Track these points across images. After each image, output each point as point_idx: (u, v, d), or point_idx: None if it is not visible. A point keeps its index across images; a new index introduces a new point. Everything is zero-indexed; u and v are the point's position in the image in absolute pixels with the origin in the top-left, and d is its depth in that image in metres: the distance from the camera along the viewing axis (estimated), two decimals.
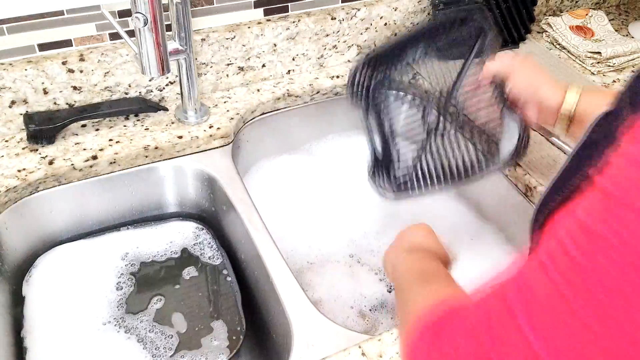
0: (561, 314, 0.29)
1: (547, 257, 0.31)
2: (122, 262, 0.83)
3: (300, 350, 0.64)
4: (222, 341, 0.75)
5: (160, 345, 0.73)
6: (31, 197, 0.81)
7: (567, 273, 0.29)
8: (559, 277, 0.29)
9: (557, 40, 1.16)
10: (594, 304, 0.28)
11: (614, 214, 0.28)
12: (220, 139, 0.90)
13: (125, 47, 0.86)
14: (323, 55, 1.04)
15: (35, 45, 0.83)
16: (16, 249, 0.81)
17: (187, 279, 0.83)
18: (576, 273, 0.29)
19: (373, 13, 1.03)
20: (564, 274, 0.29)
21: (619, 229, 0.27)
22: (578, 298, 0.28)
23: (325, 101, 1.04)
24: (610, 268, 0.27)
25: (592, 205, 0.29)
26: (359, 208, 0.95)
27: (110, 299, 0.78)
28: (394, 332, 0.64)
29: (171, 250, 0.86)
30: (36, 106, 0.86)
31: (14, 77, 0.81)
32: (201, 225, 0.90)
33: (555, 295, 0.29)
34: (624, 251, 0.27)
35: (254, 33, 0.95)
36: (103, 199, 0.86)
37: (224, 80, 0.98)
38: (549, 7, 1.25)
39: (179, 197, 0.91)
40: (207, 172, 0.87)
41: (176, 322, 0.77)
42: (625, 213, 0.27)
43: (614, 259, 0.27)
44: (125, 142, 0.86)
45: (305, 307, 0.69)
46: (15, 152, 0.84)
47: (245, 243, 0.80)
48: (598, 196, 0.29)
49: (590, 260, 0.28)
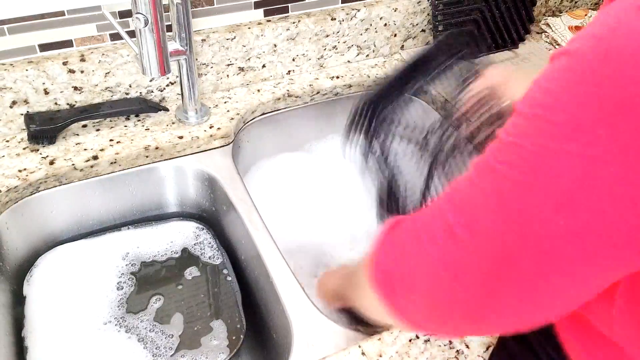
0: (469, 189, 0.38)
1: (472, 167, 0.39)
2: (123, 262, 0.84)
3: (300, 350, 0.64)
4: (222, 341, 0.75)
5: (160, 345, 0.74)
6: (32, 197, 0.81)
7: (481, 171, 0.38)
8: (475, 175, 0.38)
9: (557, 40, 1.16)
10: (486, 175, 0.37)
11: (517, 126, 0.36)
12: (220, 139, 0.90)
13: (126, 48, 0.87)
14: (323, 55, 1.04)
15: (36, 45, 0.83)
16: (17, 248, 0.82)
17: (187, 278, 0.83)
18: (482, 163, 0.38)
19: (373, 14, 1.03)
20: (479, 172, 0.38)
21: (517, 136, 0.35)
22: (480, 177, 0.38)
23: (325, 101, 1.04)
24: (503, 159, 0.36)
25: (509, 124, 0.37)
26: (359, 208, 0.95)
27: (110, 299, 0.79)
28: (394, 331, 0.64)
29: (171, 250, 0.86)
30: (37, 106, 0.86)
31: (14, 77, 0.82)
32: (201, 225, 0.90)
33: (469, 184, 0.39)
34: (512, 144, 0.36)
35: (254, 33, 0.95)
36: (104, 199, 0.86)
37: (225, 81, 0.98)
38: (548, 7, 1.25)
39: (179, 197, 0.91)
40: (207, 172, 0.87)
41: (176, 321, 0.77)
42: (523, 123, 0.35)
43: (506, 151, 0.36)
44: (126, 142, 0.86)
45: (305, 307, 0.69)
46: (16, 152, 0.84)
47: (246, 243, 0.80)
48: (514, 116, 0.37)
49: (493, 155, 0.37)
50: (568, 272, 0.35)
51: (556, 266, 0.34)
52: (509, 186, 0.35)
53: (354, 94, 1.06)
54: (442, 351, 0.63)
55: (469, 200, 0.38)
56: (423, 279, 0.41)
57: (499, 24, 1.12)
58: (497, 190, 0.36)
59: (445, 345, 0.63)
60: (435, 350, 0.63)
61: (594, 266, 0.34)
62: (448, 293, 0.39)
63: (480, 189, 0.37)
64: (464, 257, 0.38)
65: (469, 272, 0.38)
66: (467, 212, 0.38)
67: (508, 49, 1.14)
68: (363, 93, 0.77)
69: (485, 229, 0.36)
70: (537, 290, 0.36)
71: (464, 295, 0.39)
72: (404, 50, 1.12)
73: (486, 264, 0.37)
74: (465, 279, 0.38)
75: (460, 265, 0.38)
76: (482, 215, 0.37)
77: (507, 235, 0.35)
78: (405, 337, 0.64)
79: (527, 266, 0.35)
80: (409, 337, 0.64)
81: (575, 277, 0.35)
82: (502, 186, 0.36)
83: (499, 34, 1.13)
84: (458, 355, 0.63)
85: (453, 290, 0.39)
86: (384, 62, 1.09)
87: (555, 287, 0.36)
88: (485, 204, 0.36)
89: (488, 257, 0.36)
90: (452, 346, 0.63)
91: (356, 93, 1.06)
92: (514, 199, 0.35)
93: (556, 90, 0.34)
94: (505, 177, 0.36)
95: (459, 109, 0.76)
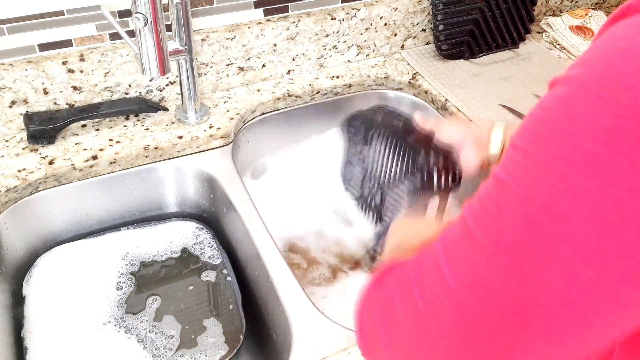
0: (469, 248, 0.34)
1: (467, 209, 0.35)
2: (122, 262, 0.83)
3: (300, 350, 0.64)
4: (221, 340, 0.75)
5: (160, 345, 0.74)
6: (31, 197, 0.81)
7: (479, 217, 0.34)
8: (472, 222, 0.34)
9: (557, 40, 1.16)
10: (493, 235, 0.32)
11: (516, 163, 0.32)
12: (220, 139, 0.90)
13: (126, 47, 0.87)
14: (323, 55, 1.04)
15: (36, 45, 0.83)
16: (16, 249, 0.82)
17: (187, 279, 0.83)
18: (485, 215, 0.33)
19: (373, 13, 1.03)
20: (476, 218, 0.34)
21: (517, 174, 0.32)
22: (484, 234, 0.33)
23: (326, 101, 1.04)
24: (510, 208, 0.31)
25: (505, 160, 0.33)
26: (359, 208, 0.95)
27: (110, 299, 0.78)
28: None
29: (171, 250, 0.86)
30: (36, 106, 0.86)
31: (14, 77, 0.82)
32: (201, 225, 0.90)
33: (466, 235, 0.34)
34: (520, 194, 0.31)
35: (254, 33, 0.95)
36: (103, 199, 0.86)
37: (224, 81, 0.98)
38: (549, 7, 1.25)
39: (179, 197, 0.91)
40: (207, 172, 0.87)
41: (176, 322, 0.77)
42: (522, 159, 0.32)
43: (513, 200, 0.31)
44: (126, 142, 0.86)
45: (305, 307, 0.69)
46: (16, 152, 0.84)
47: (245, 243, 0.80)
48: (510, 151, 0.33)
49: (496, 203, 0.32)
50: (594, 325, 0.31)
51: (582, 320, 0.30)
52: (517, 238, 0.31)
53: (354, 93, 1.05)
54: None
55: (468, 259, 0.34)
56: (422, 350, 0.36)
57: (499, 23, 1.12)
58: (503, 244, 0.32)
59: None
60: None
61: (625, 316, 0.30)
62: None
63: (480, 245, 0.33)
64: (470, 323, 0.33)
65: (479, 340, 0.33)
66: (468, 274, 0.33)
67: (508, 49, 1.14)
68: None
69: (493, 290, 0.32)
70: (557, 346, 0.32)
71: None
72: (404, 50, 1.12)
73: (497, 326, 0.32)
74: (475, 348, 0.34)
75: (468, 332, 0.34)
76: (486, 276, 0.32)
77: (522, 295, 0.31)
78: None
79: (545, 324, 0.31)
80: None
81: (602, 327, 0.31)
82: (509, 241, 0.31)
83: (499, 34, 1.13)
84: None
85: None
86: (384, 62, 1.09)
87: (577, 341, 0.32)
88: (490, 263, 0.32)
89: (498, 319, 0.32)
90: None
91: (356, 93, 1.06)
92: (528, 252, 0.30)
93: (562, 121, 0.30)
94: (512, 228, 0.31)
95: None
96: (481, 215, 0.33)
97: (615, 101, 0.28)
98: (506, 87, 1.04)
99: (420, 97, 1.05)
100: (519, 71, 1.09)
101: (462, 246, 0.34)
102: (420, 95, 1.05)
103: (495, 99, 1.00)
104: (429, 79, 1.05)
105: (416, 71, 1.07)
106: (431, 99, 1.03)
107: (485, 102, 0.99)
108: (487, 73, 1.08)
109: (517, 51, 1.14)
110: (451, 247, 0.35)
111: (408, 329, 0.37)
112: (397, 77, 1.06)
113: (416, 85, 1.05)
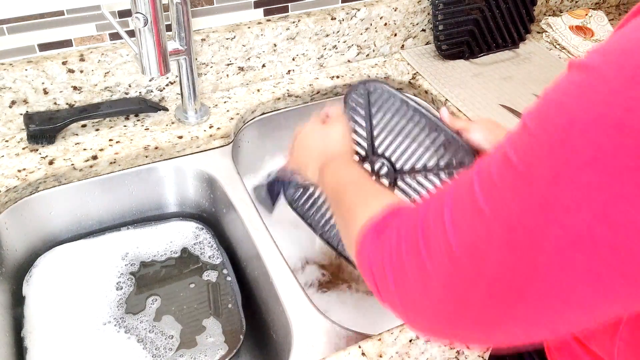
0: (472, 213, 0.35)
1: (476, 174, 0.36)
2: (122, 262, 0.83)
3: (300, 350, 0.64)
4: (221, 340, 0.75)
5: (160, 346, 0.74)
6: (31, 197, 0.81)
7: (485, 187, 0.35)
8: (478, 188, 0.35)
9: (557, 40, 1.16)
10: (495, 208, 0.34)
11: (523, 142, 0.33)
12: (220, 139, 0.90)
13: (126, 47, 0.87)
14: (323, 55, 1.04)
15: (36, 45, 0.83)
16: (16, 249, 0.82)
17: (187, 279, 0.83)
18: (491, 187, 0.34)
19: (373, 13, 1.03)
20: (482, 187, 0.35)
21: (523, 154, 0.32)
22: (487, 204, 0.34)
23: (326, 101, 1.04)
24: (513, 186, 0.33)
25: (514, 136, 0.34)
26: None
27: (110, 299, 0.78)
28: (394, 332, 0.64)
29: (171, 250, 0.86)
30: (36, 106, 0.86)
31: (14, 77, 0.82)
32: (201, 225, 0.90)
33: (471, 200, 0.35)
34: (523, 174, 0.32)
35: (254, 33, 0.95)
36: (103, 199, 0.86)
37: (224, 80, 0.98)
38: (549, 7, 1.25)
39: (179, 197, 0.91)
40: (207, 172, 0.87)
41: (176, 322, 0.77)
42: (529, 140, 0.32)
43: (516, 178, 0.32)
44: (126, 142, 0.86)
45: (305, 307, 0.69)
46: (16, 152, 0.84)
47: (245, 243, 0.80)
48: (520, 129, 0.34)
49: (501, 178, 0.34)
50: (581, 306, 0.32)
51: (568, 299, 0.32)
52: (517, 216, 0.32)
53: None
54: (443, 351, 0.63)
55: (471, 226, 0.35)
56: (423, 294, 0.39)
57: (499, 23, 1.12)
58: (503, 219, 0.33)
59: (446, 346, 0.63)
60: (436, 350, 0.63)
61: (610, 302, 0.32)
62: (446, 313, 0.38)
63: (483, 216, 0.34)
64: (465, 281, 0.35)
65: (471, 299, 0.36)
66: (468, 239, 0.35)
67: (508, 49, 1.14)
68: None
69: (489, 259, 0.34)
70: (545, 318, 0.34)
71: (463, 321, 0.37)
72: (404, 50, 1.12)
73: (489, 292, 0.34)
74: (468, 305, 0.36)
75: (462, 290, 0.36)
76: (485, 245, 0.34)
77: (516, 268, 0.33)
78: (405, 338, 0.64)
79: (535, 298, 0.33)
80: (409, 338, 0.64)
81: (587, 309, 0.32)
82: (509, 217, 0.33)
83: (499, 34, 1.13)
84: (458, 356, 0.63)
85: (453, 313, 0.37)
86: (384, 62, 1.09)
87: (564, 317, 0.34)
88: (490, 234, 0.34)
89: (491, 286, 0.34)
90: (452, 346, 0.63)
91: None
92: (524, 231, 0.32)
93: (573, 108, 0.30)
94: (513, 206, 0.32)
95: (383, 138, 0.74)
96: (487, 186, 0.35)
97: (629, 95, 0.28)
98: (506, 87, 1.04)
99: (421, 97, 1.05)
100: (519, 71, 1.09)
101: (467, 210, 0.36)
102: (421, 95, 1.05)
103: (495, 99, 1.00)
104: (429, 79, 1.05)
105: (416, 71, 1.07)
106: (431, 99, 1.03)
107: (485, 102, 0.99)
108: (487, 73, 1.08)
109: (517, 51, 1.14)
110: (457, 208, 0.37)
111: (413, 274, 0.39)
112: (397, 77, 1.06)
113: (416, 85, 1.05)
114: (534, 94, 1.02)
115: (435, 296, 0.38)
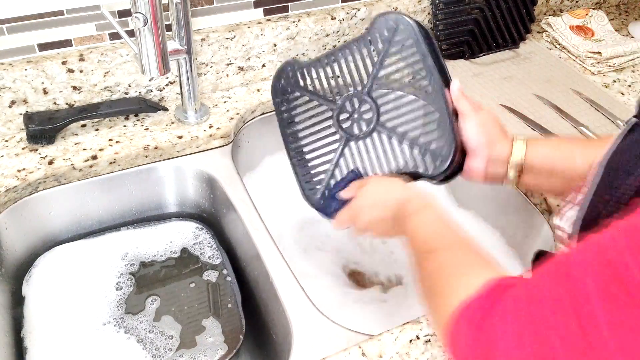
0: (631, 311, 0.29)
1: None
2: (122, 262, 0.83)
3: (300, 350, 0.64)
4: (220, 340, 0.75)
5: (160, 346, 0.73)
6: (31, 197, 0.81)
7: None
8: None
9: (557, 40, 1.16)
10: None
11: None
12: (220, 139, 0.90)
13: (125, 47, 0.86)
14: None
15: (35, 45, 0.83)
16: (16, 249, 0.81)
17: (187, 279, 0.82)
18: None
19: (373, 13, 1.03)
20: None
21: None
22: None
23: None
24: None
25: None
26: None
27: (110, 299, 0.78)
28: (394, 332, 0.64)
29: (171, 250, 0.86)
30: (36, 106, 0.86)
31: (13, 77, 0.81)
32: (201, 225, 0.90)
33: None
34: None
35: (254, 33, 0.95)
36: (103, 199, 0.86)
37: (224, 80, 0.98)
38: (549, 7, 1.25)
39: (178, 197, 0.91)
40: (207, 172, 0.87)
41: (176, 322, 0.77)
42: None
43: None
44: (125, 142, 0.86)
45: (305, 307, 0.69)
46: (15, 152, 0.84)
47: (245, 243, 0.79)
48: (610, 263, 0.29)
49: None
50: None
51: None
52: None
53: None
54: (443, 352, 0.63)
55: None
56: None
57: (499, 23, 1.12)
58: None
59: None
60: (436, 350, 0.63)
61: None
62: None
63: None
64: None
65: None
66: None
67: (509, 49, 1.14)
68: None
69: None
70: None
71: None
72: None
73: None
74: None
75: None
76: None
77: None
78: (405, 338, 0.64)
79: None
80: (409, 338, 0.64)
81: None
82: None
83: (500, 34, 1.13)
84: None
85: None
86: None
87: None
88: None
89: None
90: None
91: None
92: None
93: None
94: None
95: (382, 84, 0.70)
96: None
97: None
98: (506, 87, 1.04)
99: None
100: (519, 71, 1.08)
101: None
102: None
103: (495, 99, 1.00)
104: None
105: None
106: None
107: (486, 102, 0.99)
108: (487, 73, 1.08)
109: (517, 51, 1.14)
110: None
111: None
112: None
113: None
114: (534, 94, 1.01)
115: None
